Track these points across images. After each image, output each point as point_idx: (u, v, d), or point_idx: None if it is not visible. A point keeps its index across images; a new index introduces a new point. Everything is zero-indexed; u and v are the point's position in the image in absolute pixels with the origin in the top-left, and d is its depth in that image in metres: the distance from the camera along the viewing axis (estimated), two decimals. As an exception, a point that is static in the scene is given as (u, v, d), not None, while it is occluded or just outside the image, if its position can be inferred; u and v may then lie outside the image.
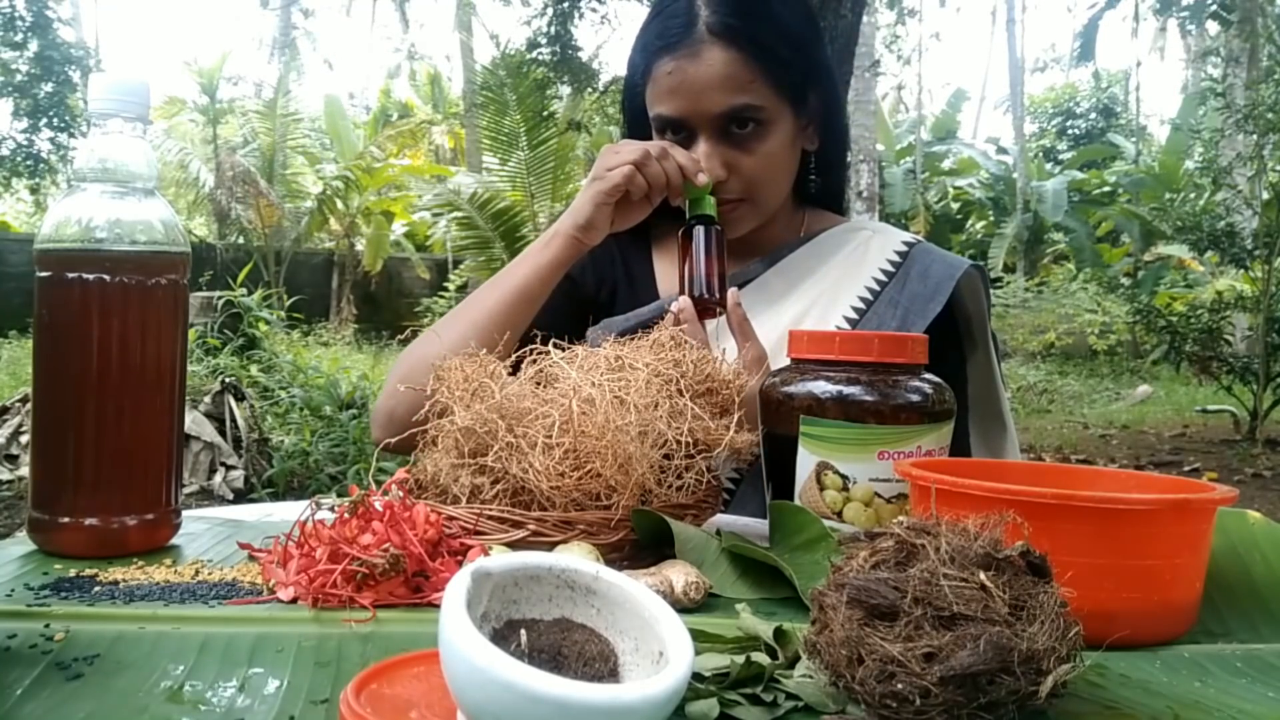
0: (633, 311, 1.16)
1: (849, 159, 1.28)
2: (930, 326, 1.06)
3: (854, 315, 1.11)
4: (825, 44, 1.20)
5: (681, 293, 1.01)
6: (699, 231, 1.03)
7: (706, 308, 0.99)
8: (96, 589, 0.66)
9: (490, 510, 0.73)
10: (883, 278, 1.13)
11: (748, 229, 1.13)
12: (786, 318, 1.11)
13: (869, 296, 1.12)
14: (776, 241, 1.19)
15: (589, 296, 1.21)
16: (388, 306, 13.88)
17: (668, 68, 1.05)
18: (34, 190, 12.90)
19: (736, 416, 0.81)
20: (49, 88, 10.97)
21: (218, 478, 4.41)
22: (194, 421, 4.43)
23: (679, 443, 0.76)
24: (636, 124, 1.16)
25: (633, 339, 0.84)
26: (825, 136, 1.17)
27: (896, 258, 1.15)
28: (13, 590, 0.66)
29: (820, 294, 1.13)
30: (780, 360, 0.90)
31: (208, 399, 4.71)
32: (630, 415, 0.73)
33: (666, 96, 1.06)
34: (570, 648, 0.46)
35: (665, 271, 1.22)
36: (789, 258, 1.16)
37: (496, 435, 0.75)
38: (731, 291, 0.99)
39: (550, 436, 0.73)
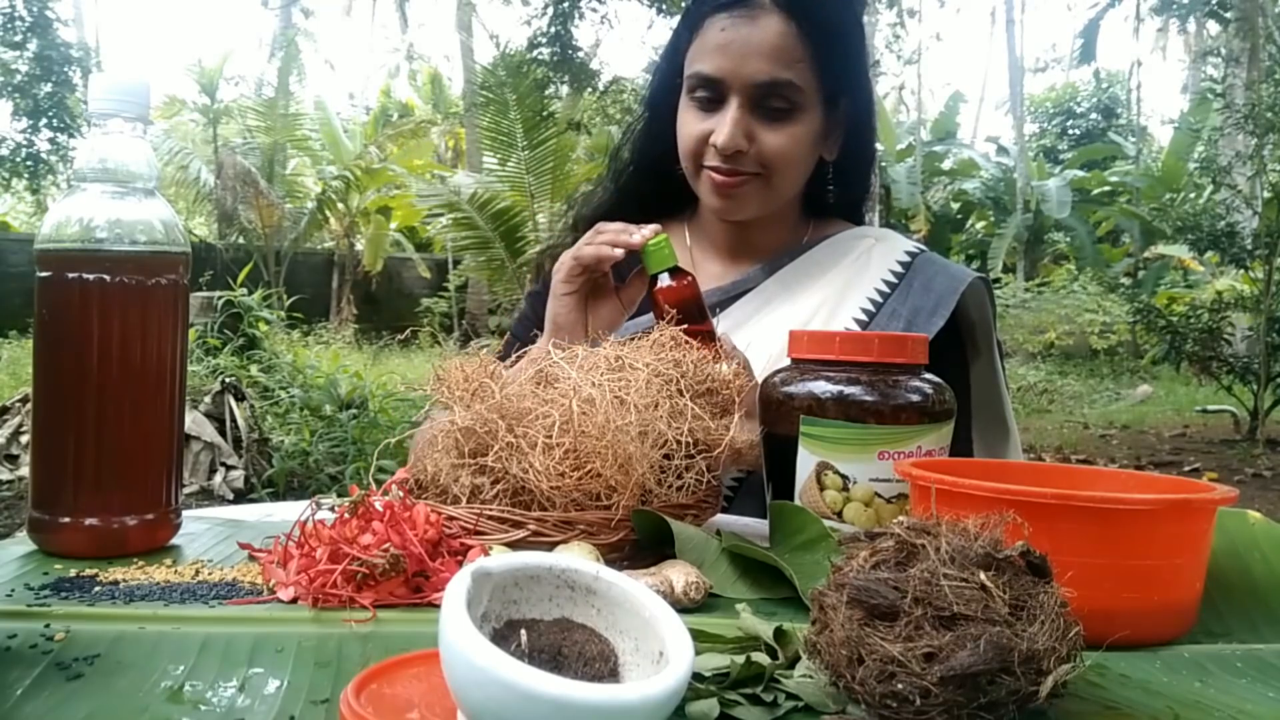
0: (631, 321, 1.16)
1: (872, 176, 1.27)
2: (932, 338, 1.06)
3: (856, 327, 1.10)
4: (868, 62, 1.19)
5: None
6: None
7: None
8: (96, 589, 0.66)
9: (490, 510, 0.73)
10: (885, 289, 1.12)
11: (752, 212, 1.12)
12: (788, 327, 1.10)
13: (871, 308, 1.11)
14: (779, 248, 1.18)
15: None
16: (388, 306, 13.88)
17: (721, 24, 1.05)
18: (33, 190, 12.90)
19: (736, 416, 0.81)
20: (49, 88, 10.97)
21: (218, 478, 4.41)
22: (194, 421, 4.43)
23: (679, 443, 0.76)
24: (660, 103, 1.16)
25: (633, 338, 0.84)
26: (848, 150, 1.17)
27: (899, 268, 1.14)
28: (13, 590, 0.66)
29: (823, 302, 1.12)
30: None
31: (208, 399, 4.70)
32: (630, 415, 0.73)
33: (712, 53, 1.05)
34: (570, 648, 0.46)
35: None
36: (790, 266, 1.16)
37: (496, 435, 0.75)
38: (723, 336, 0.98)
39: (550, 436, 0.73)
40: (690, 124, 1.09)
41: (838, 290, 1.13)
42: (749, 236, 1.18)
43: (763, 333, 1.10)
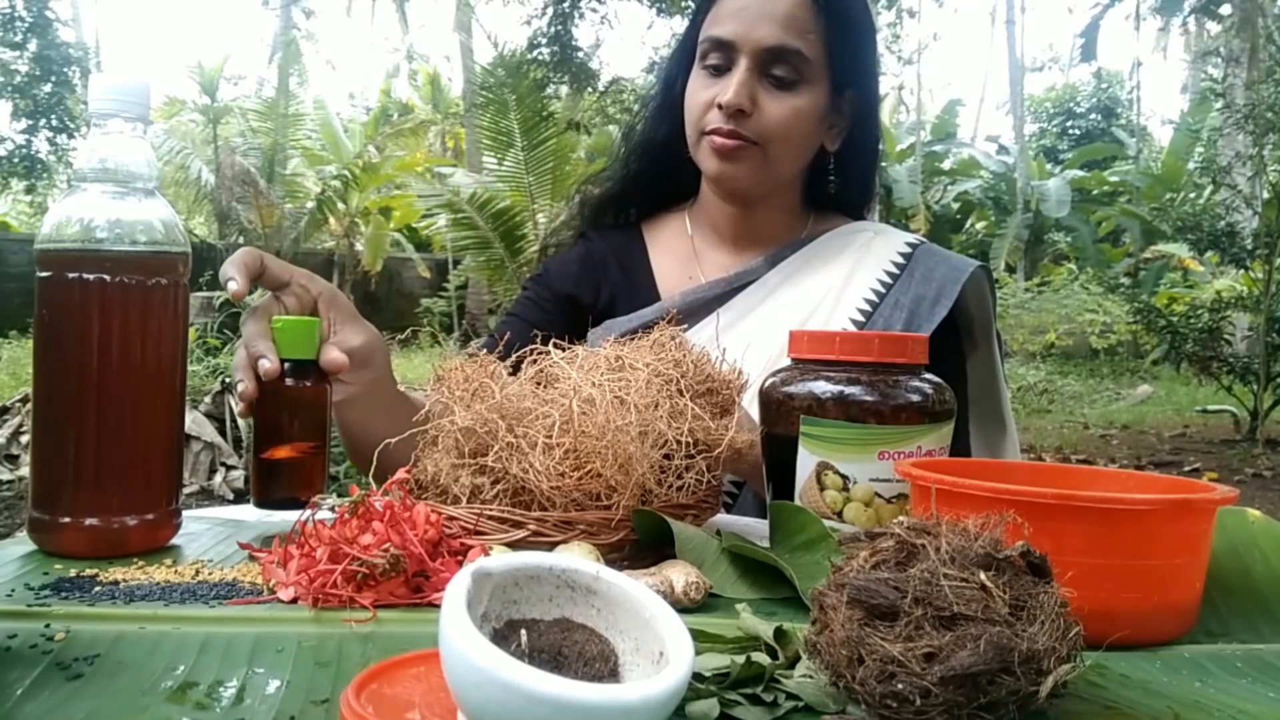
0: (635, 313, 1.16)
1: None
2: (935, 327, 1.06)
3: (860, 318, 1.11)
4: (878, 64, 1.21)
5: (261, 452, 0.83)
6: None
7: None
8: (97, 589, 0.66)
9: (490, 510, 0.73)
10: (888, 279, 1.13)
11: (749, 182, 1.12)
12: (790, 320, 1.10)
13: (874, 299, 1.12)
14: (779, 240, 1.19)
15: (587, 305, 1.21)
16: (388, 306, 13.88)
17: None
18: (30, 190, 12.90)
19: (736, 415, 0.81)
20: (49, 88, 10.97)
21: (218, 478, 4.42)
22: (194, 421, 4.44)
23: (679, 443, 0.76)
24: (673, 81, 1.18)
25: (633, 338, 0.84)
26: (851, 144, 1.18)
27: (900, 259, 1.15)
28: (13, 590, 0.66)
29: (824, 296, 1.13)
30: (782, 364, 0.90)
31: (208, 399, 4.71)
32: (630, 415, 0.73)
33: (726, 18, 1.08)
34: (570, 648, 0.46)
35: (664, 270, 1.22)
36: (791, 258, 1.16)
37: (497, 435, 0.75)
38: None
39: (550, 436, 0.73)
40: (697, 92, 1.11)
41: (840, 281, 1.13)
42: (750, 224, 1.18)
43: (766, 324, 1.10)
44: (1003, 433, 1.14)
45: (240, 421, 4.64)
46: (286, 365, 0.82)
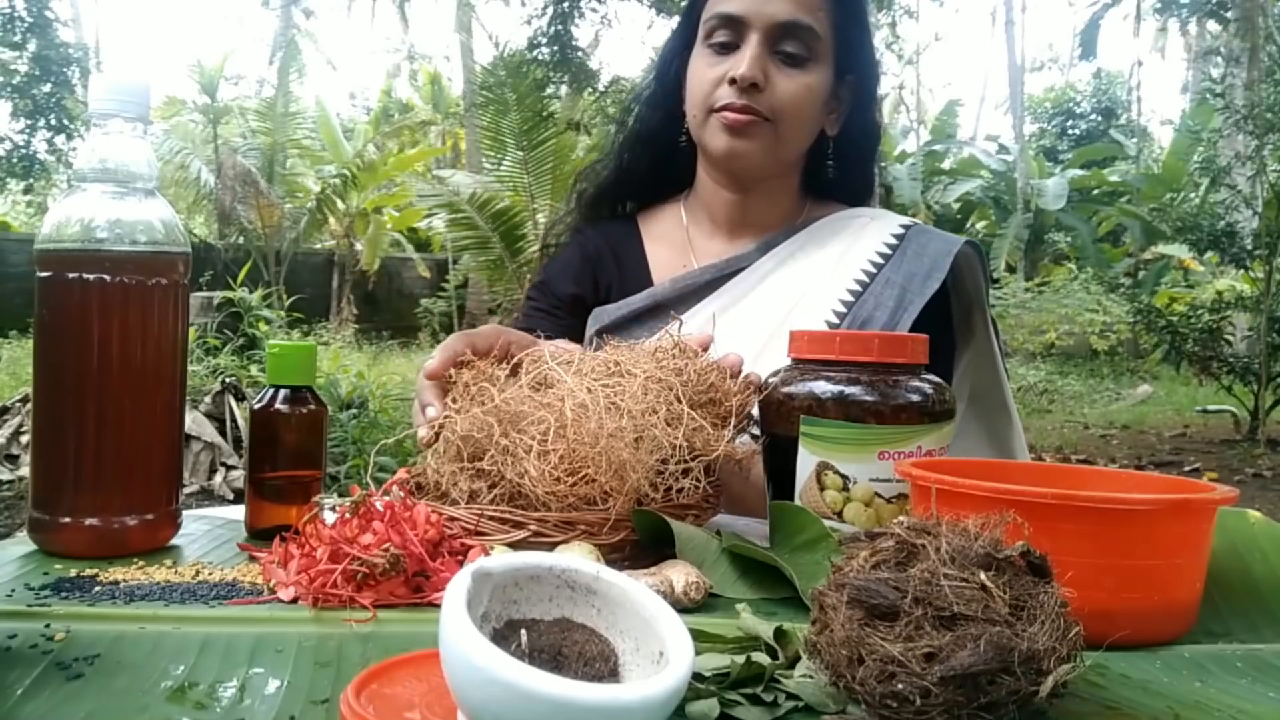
0: (624, 300, 1.16)
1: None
2: (926, 302, 1.06)
3: (850, 298, 1.10)
4: (873, 52, 1.21)
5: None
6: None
7: None
8: (97, 589, 0.66)
9: (491, 510, 0.73)
10: (879, 259, 1.12)
11: (758, 159, 1.11)
12: (782, 304, 1.10)
13: (865, 279, 1.11)
14: (775, 226, 1.18)
15: (591, 301, 1.21)
16: (388, 306, 13.89)
17: None
18: (28, 190, 12.91)
19: (733, 424, 0.80)
20: (48, 88, 10.96)
21: (218, 478, 4.42)
22: (194, 421, 4.44)
23: (674, 448, 0.76)
24: (668, 68, 1.17)
25: (631, 339, 0.84)
26: (849, 131, 1.18)
27: (894, 240, 1.14)
28: (13, 590, 0.66)
29: (817, 278, 1.12)
30: (776, 350, 0.90)
31: (208, 399, 4.71)
32: (624, 421, 0.73)
33: None
34: (570, 648, 0.46)
35: (656, 256, 1.22)
36: (784, 243, 1.16)
37: (492, 439, 0.75)
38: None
39: (545, 442, 0.73)
40: (704, 70, 1.10)
41: (832, 261, 1.13)
42: (746, 210, 1.18)
43: (757, 308, 1.10)
44: (1009, 424, 1.14)
45: (240, 421, 4.64)
46: (283, 391, 0.83)
